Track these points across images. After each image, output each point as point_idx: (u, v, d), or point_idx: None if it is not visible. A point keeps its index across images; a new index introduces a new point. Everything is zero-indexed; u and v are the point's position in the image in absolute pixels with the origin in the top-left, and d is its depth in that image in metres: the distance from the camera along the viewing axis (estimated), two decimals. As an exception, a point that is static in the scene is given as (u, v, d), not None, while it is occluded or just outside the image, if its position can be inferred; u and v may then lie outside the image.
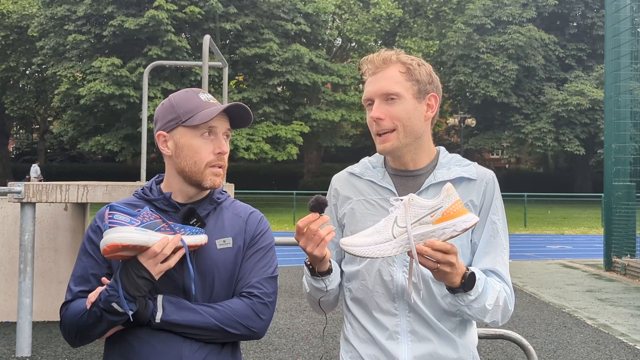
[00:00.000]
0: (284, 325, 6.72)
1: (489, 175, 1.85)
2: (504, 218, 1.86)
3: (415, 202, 1.57)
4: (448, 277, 1.60)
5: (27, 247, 5.37)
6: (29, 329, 5.38)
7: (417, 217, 1.56)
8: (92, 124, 29.73)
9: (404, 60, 1.82)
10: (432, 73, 1.85)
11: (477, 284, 1.66)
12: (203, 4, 27.68)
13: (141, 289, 1.64)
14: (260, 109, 28.64)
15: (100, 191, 5.51)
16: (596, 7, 33.69)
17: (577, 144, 31.98)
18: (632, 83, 11.35)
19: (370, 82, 1.83)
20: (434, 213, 1.55)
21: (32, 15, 31.54)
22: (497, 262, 1.80)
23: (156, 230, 1.66)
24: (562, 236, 18.40)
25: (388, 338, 1.78)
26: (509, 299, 1.78)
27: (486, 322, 1.74)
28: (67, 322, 1.76)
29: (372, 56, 1.85)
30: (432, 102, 1.83)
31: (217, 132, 1.80)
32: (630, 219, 10.88)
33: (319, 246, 1.66)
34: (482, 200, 1.82)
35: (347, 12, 35.06)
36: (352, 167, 1.97)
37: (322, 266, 1.77)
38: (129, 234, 1.60)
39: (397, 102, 1.78)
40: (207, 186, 1.81)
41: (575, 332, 6.66)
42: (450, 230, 1.54)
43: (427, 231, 1.54)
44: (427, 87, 1.82)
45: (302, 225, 1.65)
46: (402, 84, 1.79)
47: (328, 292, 1.84)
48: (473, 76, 32.59)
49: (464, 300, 1.67)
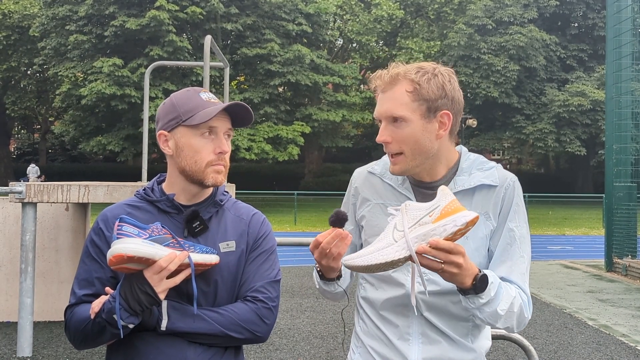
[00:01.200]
0: (285, 325, 6.72)
1: (510, 181, 1.78)
2: (524, 225, 1.79)
3: (412, 207, 1.57)
4: (457, 278, 1.56)
5: (28, 247, 5.38)
6: (30, 329, 5.39)
7: (416, 219, 1.55)
8: (93, 124, 29.74)
9: (412, 78, 1.71)
10: (445, 85, 1.72)
11: (489, 288, 1.61)
12: (204, 4, 27.69)
13: (143, 304, 1.62)
14: (262, 109, 28.64)
15: (102, 191, 5.52)
16: (597, 7, 33.67)
17: (578, 145, 31.97)
18: (634, 84, 11.35)
19: (379, 100, 1.78)
20: (432, 213, 1.54)
21: (34, 16, 31.56)
22: (512, 271, 1.74)
23: (164, 245, 1.63)
24: (563, 237, 18.40)
25: (399, 338, 1.77)
26: (525, 307, 1.72)
27: (499, 327, 1.68)
28: (73, 328, 1.75)
29: (380, 73, 1.77)
30: (444, 120, 1.73)
31: (218, 131, 1.79)
32: (631, 219, 10.88)
33: (334, 260, 1.66)
34: (500, 206, 1.76)
35: (349, 12, 35.08)
36: (372, 166, 1.92)
37: (332, 274, 1.78)
38: (135, 245, 1.58)
39: (404, 125, 1.71)
40: (209, 184, 1.79)
41: (576, 332, 6.65)
42: (450, 226, 1.51)
43: (428, 230, 1.52)
44: (437, 103, 1.71)
45: (321, 240, 1.64)
46: (407, 105, 1.71)
47: (337, 293, 1.85)
48: (474, 77, 32.57)
49: (475, 302, 1.62)
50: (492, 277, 1.65)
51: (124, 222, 1.61)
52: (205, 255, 1.71)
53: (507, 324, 1.69)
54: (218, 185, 1.82)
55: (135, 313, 1.62)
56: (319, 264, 1.70)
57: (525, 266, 1.78)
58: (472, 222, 1.53)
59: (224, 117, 1.81)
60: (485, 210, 1.75)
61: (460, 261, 1.52)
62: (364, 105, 33.42)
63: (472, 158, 1.83)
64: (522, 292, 1.74)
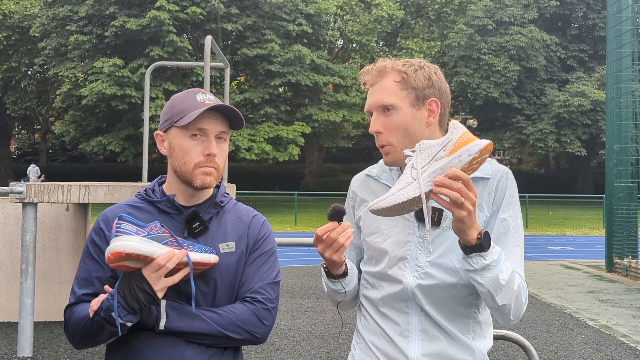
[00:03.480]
0: (285, 325, 6.72)
1: (502, 172, 1.81)
2: (518, 215, 1.81)
3: (426, 145, 1.59)
4: (468, 222, 1.56)
5: (29, 247, 5.38)
6: (31, 329, 5.39)
7: (431, 155, 1.57)
8: (93, 124, 29.74)
9: (399, 69, 1.79)
10: (431, 76, 1.80)
11: (493, 249, 1.63)
12: (205, 4, 27.69)
13: (141, 302, 1.61)
14: (262, 109, 28.64)
15: (102, 191, 5.52)
16: (598, 8, 33.65)
17: (579, 145, 31.95)
18: (634, 84, 11.36)
19: (369, 94, 1.84)
20: (446, 147, 1.57)
21: (34, 16, 31.57)
22: (508, 258, 1.75)
23: (163, 244, 1.63)
24: (563, 237, 18.39)
25: (399, 335, 1.79)
26: (522, 290, 1.73)
27: (497, 302, 1.67)
28: (71, 327, 1.76)
29: (368, 67, 1.84)
30: (433, 107, 1.79)
31: (209, 133, 1.78)
32: (631, 220, 10.88)
33: (338, 252, 1.68)
34: (493, 197, 1.79)
35: (349, 13, 35.06)
36: (370, 169, 1.97)
37: (338, 270, 1.79)
38: (133, 242, 1.58)
39: (394, 113, 1.77)
40: (197, 185, 1.78)
41: (576, 333, 6.65)
42: (465, 155, 1.54)
43: (444, 163, 1.55)
44: (425, 92, 1.78)
45: (321, 233, 1.66)
46: (396, 94, 1.77)
47: (346, 293, 1.86)
48: (474, 77, 32.57)
49: (478, 262, 1.62)
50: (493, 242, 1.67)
51: (122, 220, 1.61)
52: (204, 255, 1.70)
53: (505, 301, 1.67)
54: (206, 187, 1.81)
55: (133, 311, 1.62)
56: (323, 257, 1.72)
57: (521, 255, 1.79)
58: (486, 149, 1.55)
59: (217, 119, 1.80)
60: (479, 202, 1.76)
61: (474, 197, 1.54)
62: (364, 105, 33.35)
63: None
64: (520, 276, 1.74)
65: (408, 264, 1.78)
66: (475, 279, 1.66)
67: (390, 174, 1.90)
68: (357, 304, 1.98)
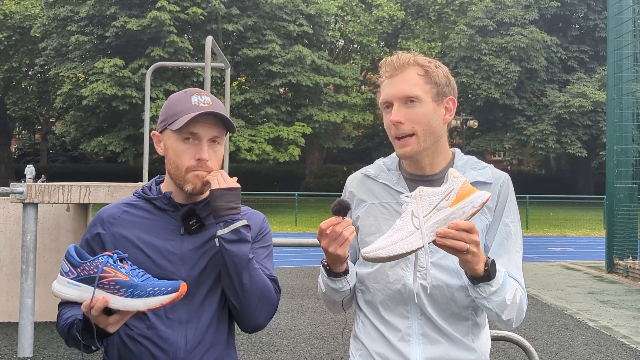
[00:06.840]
0: (286, 326, 6.72)
1: (504, 178, 1.83)
2: (518, 221, 1.83)
3: (426, 192, 1.58)
4: (473, 261, 1.57)
5: (29, 247, 5.38)
6: (31, 329, 5.39)
7: (433, 204, 1.56)
8: (94, 124, 29.77)
9: (422, 63, 1.79)
10: (448, 75, 1.83)
11: (498, 274, 1.64)
12: (205, 5, 27.71)
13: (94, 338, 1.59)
14: (263, 110, 28.66)
15: (103, 192, 5.52)
16: (598, 9, 33.63)
17: (579, 146, 31.95)
18: (635, 85, 11.34)
19: (388, 84, 1.80)
20: (448, 196, 1.56)
21: (35, 16, 31.60)
22: (509, 264, 1.77)
23: (96, 286, 1.55)
24: (564, 238, 18.38)
25: (400, 339, 1.78)
26: (524, 300, 1.76)
27: (503, 319, 1.69)
28: (59, 328, 1.78)
29: (390, 59, 1.82)
30: (450, 106, 1.82)
31: (201, 137, 1.77)
32: (632, 220, 10.87)
33: (342, 246, 1.66)
34: (496, 202, 1.80)
35: (350, 13, 35.08)
36: (367, 169, 1.95)
37: (340, 267, 1.77)
38: (59, 285, 1.59)
39: (417, 106, 1.76)
40: (188, 189, 1.77)
41: (577, 334, 6.65)
42: (469, 207, 1.54)
43: (448, 214, 1.55)
44: (445, 89, 1.80)
45: (325, 227, 1.64)
46: (421, 86, 1.77)
47: (350, 290, 1.82)
48: (475, 78, 32.57)
49: (486, 291, 1.63)
50: (498, 265, 1.68)
51: (69, 253, 1.59)
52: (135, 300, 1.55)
53: (510, 316, 1.70)
54: (197, 192, 1.79)
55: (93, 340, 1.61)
56: (327, 252, 1.68)
57: (520, 261, 1.82)
58: (484, 203, 1.57)
59: (210, 123, 1.78)
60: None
61: (478, 239, 1.55)
62: (365, 106, 33.42)
63: (465, 158, 1.88)
64: (519, 285, 1.77)
65: (410, 264, 1.77)
66: (483, 304, 1.69)
67: (388, 173, 1.89)
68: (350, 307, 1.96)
